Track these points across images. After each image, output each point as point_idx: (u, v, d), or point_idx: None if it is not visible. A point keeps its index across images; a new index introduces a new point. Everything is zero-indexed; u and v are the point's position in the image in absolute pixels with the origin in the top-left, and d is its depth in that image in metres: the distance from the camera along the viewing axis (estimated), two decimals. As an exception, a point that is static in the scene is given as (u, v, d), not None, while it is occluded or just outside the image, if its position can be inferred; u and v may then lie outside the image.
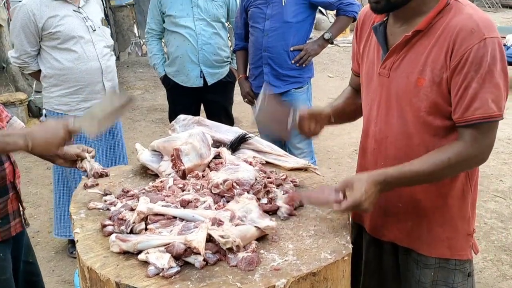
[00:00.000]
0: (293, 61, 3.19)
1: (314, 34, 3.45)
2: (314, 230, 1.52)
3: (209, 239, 1.38)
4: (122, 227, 1.49)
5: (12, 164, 1.79)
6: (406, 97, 1.50)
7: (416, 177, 1.47)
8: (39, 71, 3.02)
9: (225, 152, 1.97)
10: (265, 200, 1.66)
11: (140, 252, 1.37)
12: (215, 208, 1.57)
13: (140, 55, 9.38)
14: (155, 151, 1.99)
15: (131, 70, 8.38)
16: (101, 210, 1.68)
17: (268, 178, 1.79)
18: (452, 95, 1.43)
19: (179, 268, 1.32)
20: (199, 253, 1.33)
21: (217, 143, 2.08)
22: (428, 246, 1.61)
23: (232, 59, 3.74)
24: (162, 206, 1.55)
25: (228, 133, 2.14)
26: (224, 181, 1.66)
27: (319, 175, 1.98)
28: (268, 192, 1.70)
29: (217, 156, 1.98)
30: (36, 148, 1.59)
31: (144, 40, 8.47)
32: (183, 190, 1.72)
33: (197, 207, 1.58)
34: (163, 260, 1.31)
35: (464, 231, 1.61)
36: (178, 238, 1.37)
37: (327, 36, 3.27)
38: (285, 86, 3.24)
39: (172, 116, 3.68)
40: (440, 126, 1.49)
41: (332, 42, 3.39)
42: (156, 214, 1.51)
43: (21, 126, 1.95)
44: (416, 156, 1.52)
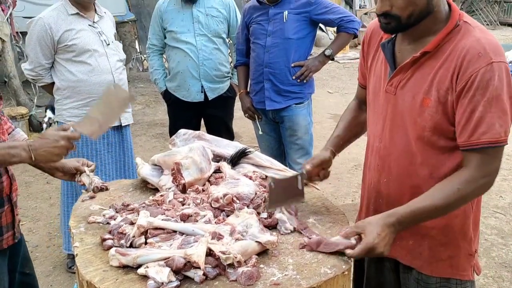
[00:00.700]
0: (294, 77, 3.21)
1: (314, 50, 3.47)
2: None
3: (209, 253, 1.38)
4: (122, 241, 1.49)
5: (10, 177, 1.79)
6: (411, 116, 1.50)
7: (428, 213, 1.45)
8: (51, 84, 3.06)
9: (225, 166, 1.97)
10: (265, 215, 1.66)
11: (139, 266, 1.37)
12: (215, 222, 1.57)
13: (141, 70, 9.44)
14: (156, 165, 2.00)
15: (132, 85, 8.40)
16: (101, 224, 1.68)
17: (268, 193, 1.79)
18: (457, 118, 1.42)
19: (179, 282, 1.31)
20: (199, 267, 1.33)
21: (217, 158, 2.08)
22: (429, 265, 1.60)
23: (232, 74, 3.77)
24: (162, 220, 1.55)
25: (228, 147, 2.15)
26: (224, 195, 1.66)
27: (318, 189, 1.98)
28: (268, 207, 1.70)
29: (217, 171, 1.99)
30: (39, 159, 1.60)
31: (145, 56, 8.53)
32: (183, 204, 1.72)
33: (197, 221, 1.58)
34: (162, 274, 1.31)
35: (465, 251, 1.60)
36: (178, 252, 1.37)
37: (328, 53, 3.29)
38: (285, 102, 3.26)
39: (172, 130, 3.69)
40: (444, 146, 1.49)
41: (333, 59, 3.41)
42: (156, 228, 1.51)
43: (24, 138, 1.95)
44: (419, 175, 1.52)
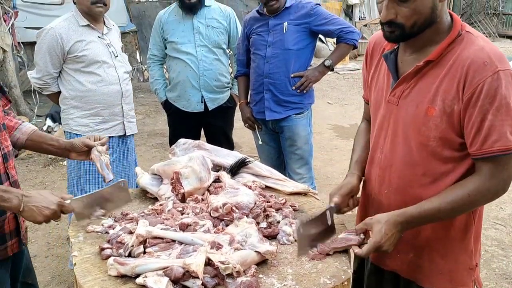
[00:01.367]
0: (294, 87, 3.22)
1: (314, 61, 3.49)
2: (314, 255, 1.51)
3: (208, 262, 1.37)
4: (121, 251, 1.48)
5: (12, 184, 1.78)
6: (415, 126, 1.50)
7: (436, 215, 1.46)
8: (57, 93, 3.09)
9: (224, 176, 1.97)
10: (264, 224, 1.66)
11: (138, 275, 1.36)
12: (214, 232, 1.57)
13: (141, 80, 9.48)
14: (155, 174, 2.00)
15: (133, 95, 8.42)
16: (99, 233, 1.68)
17: (267, 202, 1.79)
18: (466, 129, 1.42)
19: (177, 292, 1.31)
20: (198, 277, 1.32)
21: (217, 167, 2.08)
22: (429, 278, 1.60)
23: (233, 84, 3.78)
24: (161, 229, 1.54)
25: (228, 157, 2.15)
26: (224, 204, 1.66)
27: (318, 200, 1.98)
28: (267, 216, 1.70)
29: (217, 180, 1.99)
30: (26, 212, 1.59)
31: (145, 66, 8.56)
32: (182, 214, 1.71)
33: (196, 230, 1.57)
34: (161, 284, 1.30)
35: (466, 265, 1.59)
36: (176, 261, 1.36)
37: (327, 63, 3.30)
38: (285, 112, 3.26)
39: (172, 140, 3.69)
40: (448, 156, 1.48)
41: (333, 69, 3.43)
42: (154, 238, 1.51)
43: (32, 129, 1.96)
44: (421, 186, 1.52)
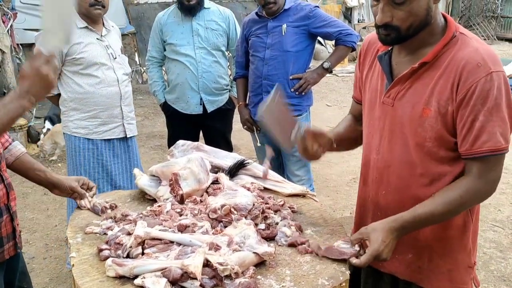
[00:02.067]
0: (292, 89, 3.23)
1: (313, 64, 3.48)
2: (312, 256, 1.52)
3: (206, 264, 1.37)
4: (119, 252, 1.48)
5: (6, 186, 1.78)
6: (411, 127, 1.51)
7: (430, 219, 1.47)
8: (57, 95, 3.08)
9: (223, 177, 1.98)
10: (262, 226, 1.66)
11: (136, 276, 1.36)
12: (213, 233, 1.57)
13: (140, 82, 9.48)
14: (154, 176, 2.00)
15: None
16: (98, 234, 1.68)
17: (266, 204, 1.79)
18: (458, 128, 1.44)
19: (175, 293, 1.31)
20: (196, 278, 1.32)
21: (215, 169, 2.08)
22: (429, 279, 1.60)
23: (231, 87, 3.78)
24: (159, 230, 1.54)
25: (226, 158, 2.15)
26: (222, 206, 1.66)
27: (317, 201, 1.98)
28: (266, 218, 1.70)
29: (215, 182, 1.99)
30: (39, 98, 1.55)
31: (144, 68, 8.56)
32: (180, 215, 1.71)
33: (194, 232, 1.57)
34: (159, 285, 1.30)
35: (465, 263, 1.60)
36: (175, 262, 1.36)
37: (326, 65, 3.31)
38: (284, 114, 3.26)
39: (171, 142, 3.68)
40: (444, 156, 1.49)
41: (331, 71, 3.43)
42: (153, 239, 1.51)
43: (21, 152, 1.94)
44: (419, 186, 1.52)
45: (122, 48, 3.29)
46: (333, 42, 3.37)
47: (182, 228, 1.58)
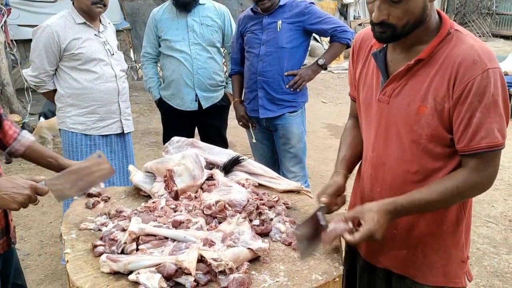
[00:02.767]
0: (287, 86, 3.23)
1: (308, 60, 3.50)
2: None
3: (200, 259, 1.38)
4: (113, 248, 1.48)
5: None
6: (407, 124, 1.51)
7: (425, 205, 1.48)
8: (53, 91, 3.08)
9: (218, 173, 1.98)
10: (257, 222, 1.66)
11: (131, 272, 1.36)
12: (207, 229, 1.57)
13: (135, 79, 9.46)
14: (148, 172, 2.00)
15: (127, 93, 8.42)
16: (92, 230, 1.68)
17: (260, 200, 1.80)
18: (455, 125, 1.44)
19: (170, 288, 1.31)
20: (190, 274, 1.32)
21: (210, 165, 2.09)
22: (423, 274, 1.61)
23: (227, 83, 3.78)
24: (154, 226, 1.55)
25: (221, 155, 2.15)
26: (217, 202, 1.66)
27: (311, 197, 1.98)
28: (260, 214, 1.71)
29: (210, 178, 1.99)
30: None
31: (139, 64, 8.54)
32: (175, 211, 1.72)
33: (189, 228, 1.58)
34: (153, 280, 1.30)
35: (458, 258, 1.61)
36: (169, 258, 1.36)
37: (321, 62, 3.31)
38: (279, 110, 3.27)
39: (166, 139, 3.68)
40: (440, 153, 1.50)
41: (326, 68, 3.42)
42: (147, 235, 1.51)
43: (30, 140, 1.94)
44: (413, 183, 1.53)
45: (118, 45, 3.29)
46: (328, 39, 3.37)
47: (177, 224, 1.59)
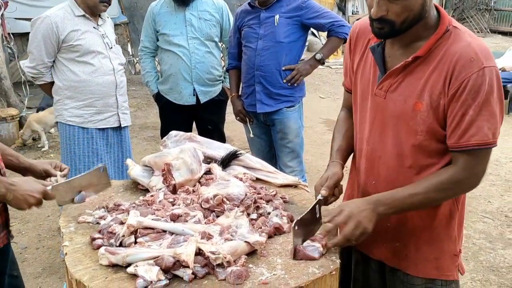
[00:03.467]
0: (285, 80, 3.23)
1: (306, 55, 3.49)
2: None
3: (198, 252, 1.39)
4: (112, 240, 1.49)
5: (3, 175, 1.78)
6: (403, 120, 1.52)
7: (408, 199, 1.48)
8: (51, 83, 3.07)
9: (216, 168, 1.98)
10: (254, 216, 1.67)
11: (129, 265, 1.37)
12: (205, 223, 1.58)
13: (133, 73, 9.45)
14: (146, 166, 2.00)
15: (125, 87, 8.41)
16: (90, 223, 1.68)
17: (258, 194, 1.80)
18: (448, 121, 1.45)
19: (168, 281, 1.32)
20: (188, 267, 1.33)
21: (208, 159, 2.09)
22: (415, 266, 1.62)
23: (225, 77, 3.78)
24: (152, 220, 1.55)
25: (219, 149, 2.16)
26: (215, 196, 1.67)
27: (308, 192, 1.99)
28: (258, 208, 1.72)
29: (208, 172, 1.99)
30: (12, 201, 1.60)
31: (137, 59, 8.52)
32: (173, 205, 1.72)
33: (187, 221, 1.58)
34: (151, 273, 1.31)
35: (450, 251, 1.62)
36: (167, 251, 1.37)
37: (318, 57, 3.31)
38: (276, 105, 3.28)
39: (164, 133, 3.68)
40: (435, 149, 1.51)
41: (324, 63, 3.42)
42: (145, 228, 1.52)
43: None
44: (406, 177, 1.54)
45: (116, 38, 3.30)
46: (326, 33, 3.37)
47: (175, 218, 1.59)
